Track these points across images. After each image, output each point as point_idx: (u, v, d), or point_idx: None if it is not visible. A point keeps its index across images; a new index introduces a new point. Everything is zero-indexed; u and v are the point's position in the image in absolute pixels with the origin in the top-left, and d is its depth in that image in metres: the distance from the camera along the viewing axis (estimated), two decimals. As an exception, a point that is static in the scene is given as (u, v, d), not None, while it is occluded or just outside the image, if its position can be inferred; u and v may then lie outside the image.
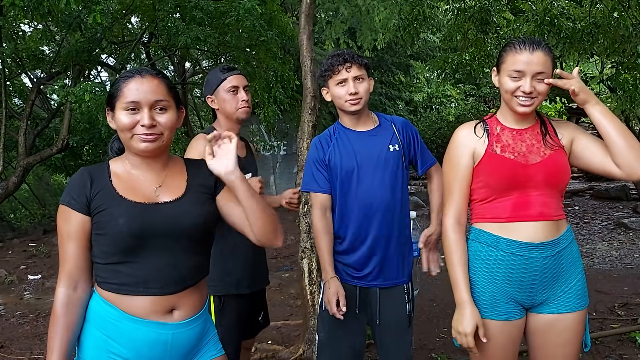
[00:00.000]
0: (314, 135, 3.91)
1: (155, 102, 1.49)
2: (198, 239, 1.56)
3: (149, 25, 8.88)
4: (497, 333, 1.83)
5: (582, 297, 1.85)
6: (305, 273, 3.59)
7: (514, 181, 1.80)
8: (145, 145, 1.49)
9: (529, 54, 1.74)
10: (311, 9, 4.22)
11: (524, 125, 1.87)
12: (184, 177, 1.61)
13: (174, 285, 1.51)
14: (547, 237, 1.79)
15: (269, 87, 8.95)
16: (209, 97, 2.37)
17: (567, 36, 6.45)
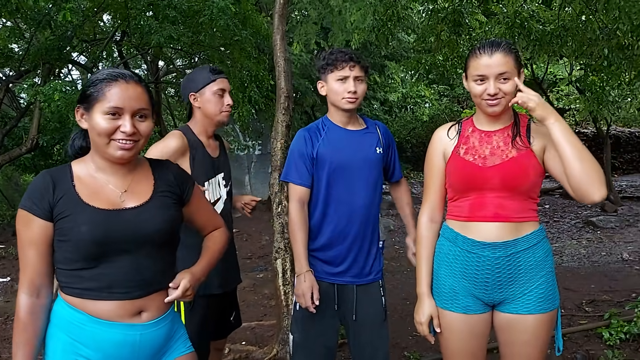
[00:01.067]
0: (288, 136, 3.92)
1: (138, 110, 1.47)
2: (162, 244, 1.56)
3: (121, 23, 8.75)
4: (458, 325, 1.88)
5: (545, 300, 1.85)
6: (279, 273, 3.59)
7: (470, 183, 1.86)
8: (122, 153, 1.46)
9: (488, 57, 1.78)
10: (285, 9, 4.22)
11: (495, 127, 1.90)
12: (151, 181, 1.59)
13: (138, 290, 1.50)
14: (500, 237, 1.82)
15: (244, 87, 8.91)
16: (192, 94, 2.33)
17: (537, 38, 6.57)
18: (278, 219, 3.72)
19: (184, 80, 2.41)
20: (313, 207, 2.29)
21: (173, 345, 1.62)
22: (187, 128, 2.35)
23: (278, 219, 3.73)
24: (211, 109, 2.31)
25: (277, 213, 3.74)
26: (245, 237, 8.17)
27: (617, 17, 5.92)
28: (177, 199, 1.62)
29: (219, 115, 2.33)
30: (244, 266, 6.35)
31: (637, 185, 11.96)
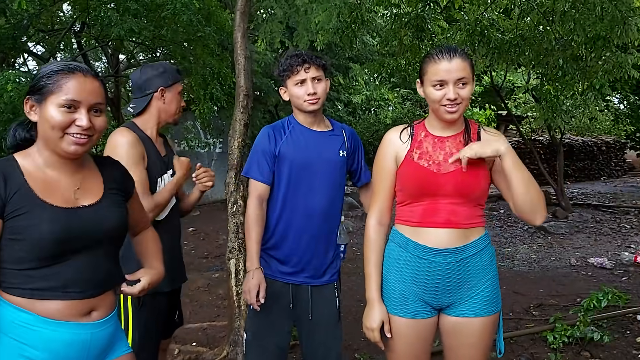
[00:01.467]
0: (246, 134, 3.88)
1: (95, 104, 1.44)
2: (116, 242, 1.56)
3: (81, 14, 8.54)
4: (406, 330, 1.89)
5: (490, 303, 1.88)
6: (232, 273, 3.56)
7: (425, 189, 1.86)
8: (75, 148, 1.41)
9: (448, 62, 1.79)
10: (247, 7, 4.19)
11: (448, 132, 1.91)
12: (99, 179, 1.56)
13: (93, 289, 1.48)
14: (451, 244, 1.84)
15: (205, 84, 8.81)
16: (162, 88, 2.27)
17: (496, 47, 6.73)
18: (233, 219, 3.70)
19: (151, 71, 2.30)
20: (272, 205, 2.28)
21: (116, 343, 1.60)
22: (132, 125, 2.27)
23: (233, 218, 3.70)
24: (173, 108, 2.28)
25: (232, 212, 3.71)
26: (202, 236, 8.08)
27: (573, 29, 6.12)
28: (123, 196, 1.61)
29: (176, 115, 2.31)
30: (200, 265, 6.28)
31: (587, 192, 12.37)
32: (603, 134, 15.80)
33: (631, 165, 18.21)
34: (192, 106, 9.01)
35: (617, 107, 12.81)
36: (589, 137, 15.79)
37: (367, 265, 1.96)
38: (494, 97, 12.04)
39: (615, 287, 4.82)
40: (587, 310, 3.49)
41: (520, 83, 12.53)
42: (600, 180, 15.53)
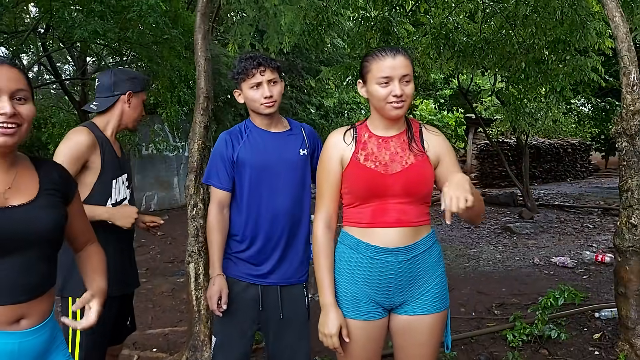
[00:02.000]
0: (206, 137, 3.85)
1: (17, 90, 1.37)
2: (52, 245, 1.49)
3: (44, 15, 8.38)
4: (358, 332, 1.88)
5: (439, 300, 1.90)
6: (192, 278, 3.51)
7: (373, 190, 1.86)
8: (4, 139, 1.34)
9: (392, 59, 1.80)
10: (207, 8, 4.16)
11: (391, 132, 1.91)
12: (35, 178, 1.49)
13: (25, 294, 1.40)
14: (402, 242, 1.84)
15: (173, 86, 8.73)
16: (131, 93, 2.31)
17: (461, 50, 6.81)
18: (193, 222, 3.65)
19: (122, 74, 2.34)
20: (237, 209, 2.28)
21: (52, 353, 1.53)
22: (92, 124, 2.27)
23: (193, 221, 3.65)
24: (136, 114, 2.33)
25: (192, 216, 3.66)
26: (169, 241, 7.98)
27: (534, 32, 6.24)
28: (62, 198, 1.54)
29: (136, 122, 2.38)
30: (166, 270, 6.19)
31: (553, 193, 12.60)
32: (569, 136, 16.12)
33: (596, 167, 18.66)
34: (160, 109, 8.93)
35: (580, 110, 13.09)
36: (555, 139, 16.11)
37: (318, 271, 1.92)
38: (463, 100, 12.18)
39: (575, 286, 4.92)
40: (545, 308, 3.54)
41: (487, 86, 12.72)
42: (566, 182, 15.86)
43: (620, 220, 3.26)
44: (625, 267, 3.16)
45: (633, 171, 3.19)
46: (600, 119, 12.84)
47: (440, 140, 1.95)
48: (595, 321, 3.97)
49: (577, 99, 13.17)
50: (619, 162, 3.29)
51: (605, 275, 5.45)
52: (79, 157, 2.14)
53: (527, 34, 6.45)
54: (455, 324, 4.12)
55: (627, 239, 3.17)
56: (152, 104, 9.41)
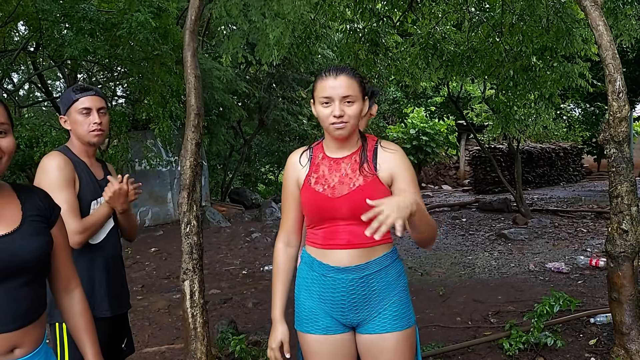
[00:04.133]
0: (198, 154, 3.86)
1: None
2: (39, 271, 1.46)
3: (34, 34, 8.40)
4: (319, 347, 1.90)
5: (400, 319, 1.87)
6: (187, 295, 3.50)
7: (322, 214, 1.87)
8: None
9: (333, 79, 1.80)
10: (196, 25, 4.18)
11: (342, 153, 1.90)
12: (17, 205, 1.47)
13: (13, 323, 1.38)
14: (353, 262, 1.84)
15: (164, 102, 8.75)
16: (61, 117, 2.26)
17: (449, 59, 6.87)
18: (187, 239, 3.64)
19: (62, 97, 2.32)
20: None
21: None
22: (65, 148, 2.25)
23: (187, 239, 3.65)
24: (79, 129, 2.21)
25: (185, 233, 3.65)
26: (164, 256, 7.95)
27: (521, 40, 6.31)
28: (46, 223, 1.53)
29: (87, 136, 2.22)
30: (161, 286, 6.17)
31: (547, 198, 12.65)
32: (560, 140, 16.24)
33: (588, 170, 18.77)
34: (152, 125, 8.94)
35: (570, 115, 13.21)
36: (547, 143, 16.21)
37: (273, 287, 2.02)
38: (452, 108, 12.27)
39: (571, 291, 4.94)
40: (540, 315, 3.56)
41: (478, 93, 12.82)
42: (559, 186, 15.93)
43: (612, 226, 3.28)
44: (618, 272, 3.18)
45: (622, 177, 3.23)
46: (590, 122, 12.96)
47: (395, 157, 1.88)
48: (590, 327, 3.98)
49: (567, 104, 13.29)
50: (608, 168, 3.33)
51: (599, 279, 5.47)
52: (70, 176, 2.12)
53: (514, 42, 6.52)
54: (452, 333, 4.13)
55: (619, 244, 3.19)
56: (144, 119, 9.42)
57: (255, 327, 4.43)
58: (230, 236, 9.43)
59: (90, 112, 2.21)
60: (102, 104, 2.25)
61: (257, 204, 14.06)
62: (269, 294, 5.71)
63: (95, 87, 2.34)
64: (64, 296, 1.64)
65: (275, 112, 14.98)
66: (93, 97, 2.23)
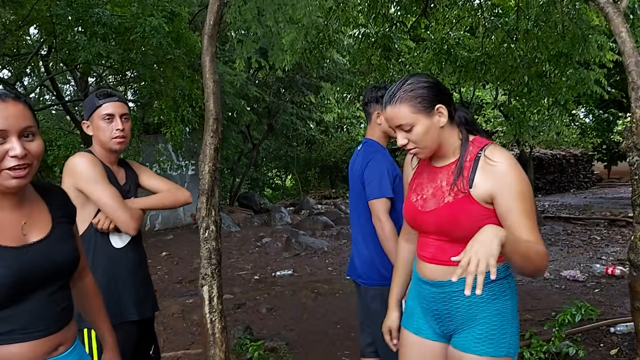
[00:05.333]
0: (216, 159, 3.84)
1: (25, 128, 1.29)
2: (72, 272, 1.49)
3: (47, 38, 8.44)
4: (410, 344, 1.88)
5: (485, 343, 1.70)
6: (206, 301, 3.47)
7: (413, 224, 1.83)
8: (17, 182, 1.29)
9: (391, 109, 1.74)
10: (214, 30, 4.16)
11: (442, 162, 1.77)
12: (45, 208, 1.46)
13: (56, 324, 1.40)
14: (436, 277, 1.76)
15: (176, 106, 8.76)
16: (84, 122, 2.25)
17: (463, 65, 6.85)
18: (205, 244, 3.61)
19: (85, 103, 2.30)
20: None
21: None
22: (90, 152, 2.24)
23: (205, 244, 3.61)
24: (101, 135, 2.19)
25: (204, 238, 3.62)
26: (176, 261, 7.95)
27: (536, 46, 6.28)
28: (71, 223, 1.54)
29: (110, 143, 2.20)
30: (174, 291, 6.16)
31: (558, 204, 12.58)
32: (571, 146, 16.16)
33: (599, 177, 18.66)
34: (163, 129, 8.96)
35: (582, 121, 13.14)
36: (558, 150, 16.13)
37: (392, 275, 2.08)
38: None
39: (588, 300, 4.88)
40: (562, 325, 3.52)
41: (489, 99, 12.77)
42: (570, 192, 15.85)
43: (635, 234, 3.23)
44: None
45: (646, 185, 3.19)
46: (602, 129, 12.88)
47: (495, 172, 1.62)
48: (611, 336, 3.94)
49: (579, 110, 13.22)
50: (630, 176, 3.29)
51: (617, 288, 5.42)
52: (103, 173, 2.13)
53: (528, 48, 6.49)
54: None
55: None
56: (156, 123, 9.45)
57: (271, 333, 4.41)
58: (241, 241, 9.41)
59: (113, 118, 2.19)
60: (125, 110, 2.24)
61: (266, 208, 14.07)
62: (283, 300, 5.70)
63: (118, 93, 2.32)
64: (78, 283, 1.65)
65: (284, 116, 14.99)
66: (116, 103, 2.21)
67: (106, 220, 2.15)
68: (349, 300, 5.43)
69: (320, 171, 19.36)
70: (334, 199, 16.83)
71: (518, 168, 1.61)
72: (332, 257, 7.85)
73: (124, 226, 2.12)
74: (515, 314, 1.75)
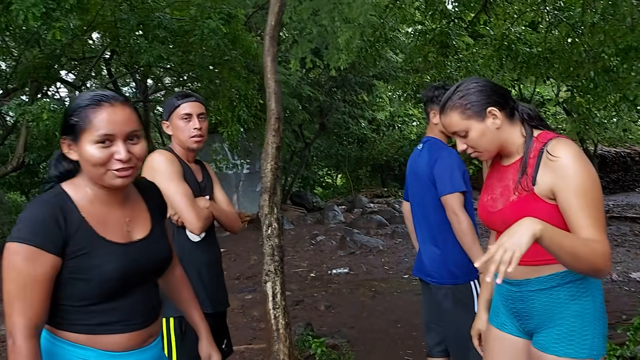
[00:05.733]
0: (278, 157, 3.90)
1: (130, 132, 1.37)
2: (166, 269, 1.57)
3: (111, 42, 8.76)
4: (493, 340, 1.86)
5: (562, 344, 1.66)
6: (269, 297, 3.54)
7: (487, 224, 1.80)
8: (122, 181, 1.37)
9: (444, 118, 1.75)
10: (276, 31, 4.23)
11: (509, 160, 1.74)
12: (145, 206, 1.54)
13: (152, 317, 1.49)
14: (513, 276, 1.72)
15: (233, 106, 8.92)
16: (164, 122, 2.34)
17: (524, 61, 6.67)
18: (268, 241, 3.68)
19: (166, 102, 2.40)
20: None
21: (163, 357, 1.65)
22: (170, 149, 2.33)
23: (268, 241, 3.68)
24: (180, 135, 2.27)
25: (267, 235, 3.69)
26: (233, 257, 8.10)
27: (603, 40, 6.03)
28: (164, 219, 1.61)
29: (188, 142, 2.27)
30: (232, 287, 6.28)
31: (623, 204, 12.07)
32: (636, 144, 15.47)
33: (666, 175, 17.79)
34: (220, 128, 9.15)
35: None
36: (622, 147, 15.47)
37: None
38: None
39: (660, 303, 4.67)
40: (637, 328, 3.38)
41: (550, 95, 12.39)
42: (635, 192, 15.16)
43: None
44: None
45: None
46: (671, 125, 12.27)
47: (555, 167, 1.57)
48: (688, 342, 3.75)
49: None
50: None
51: (690, 291, 5.16)
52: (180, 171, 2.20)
53: (595, 42, 6.25)
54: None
55: None
56: (213, 123, 9.66)
57: (331, 331, 4.43)
58: (295, 238, 9.49)
59: (190, 118, 2.27)
60: (202, 109, 2.31)
61: (319, 207, 14.12)
62: (341, 298, 5.71)
63: (196, 93, 2.39)
64: (170, 275, 1.70)
65: (337, 115, 15.00)
66: (194, 103, 2.29)
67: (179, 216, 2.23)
68: (408, 299, 5.39)
69: (372, 170, 19.27)
70: (386, 197, 16.72)
71: (581, 162, 1.55)
72: (387, 255, 7.82)
73: (189, 225, 2.18)
74: (599, 316, 1.67)
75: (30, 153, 8.76)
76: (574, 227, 1.53)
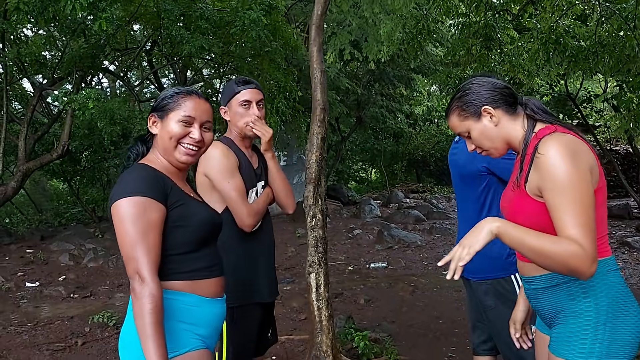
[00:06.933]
0: (323, 148, 3.87)
1: (206, 121, 1.68)
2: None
3: (153, 33, 8.87)
4: (536, 339, 1.84)
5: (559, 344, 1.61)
6: (313, 288, 3.52)
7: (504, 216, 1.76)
8: (186, 157, 1.65)
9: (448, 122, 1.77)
10: (322, 21, 4.20)
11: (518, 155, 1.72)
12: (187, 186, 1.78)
13: (222, 270, 1.73)
14: (525, 273, 1.72)
15: (272, 98, 8.94)
16: (222, 108, 2.34)
17: (572, 55, 6.47)
18: (312, 232, 3.66)
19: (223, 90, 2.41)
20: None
21: None
22: (225, 138, 2.32)
23: (312, 232, 3.66)
24: (238, 121, 2.27)
25: (311, 226, 3.67)
26: (270, 248, 8.12)
27: (657, 34, 5.81)
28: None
29: (245, 129, 2.26)
30: (271, 278, 6.32)
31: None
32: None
33: None
34: (259, 120, 9.19)
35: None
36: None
37: None
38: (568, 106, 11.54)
39: None
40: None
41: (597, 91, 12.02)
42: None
43: None
44: None
45: None
46: None
47: (539, 165, 1.52)
48: None
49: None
50: None
51: None
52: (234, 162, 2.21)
53: (648, 36, 6.03)
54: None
55: None
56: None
57: (372, 324, 4.40)
58: (332, 231, 9.47)
59: (249, 105, 2.26)
60: (261, 96, 2.30)
61: (354, 200, 14.08)
62: (380, 292, 5.67)
63: (255, 80, 2.38)
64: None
65: (374, 109, 14.89)
66: (253, 90, 2.28)
67: None
68: (449, 296, 5.32)
69: (407, 165, 19.09)
70: (422, 192, 16.56)
71: (565, 159, 1.47)
72: (426, 251, 7.73)
73: (239, 222, 2.18)
74: (604, 320, 1.54)
75: (72, 141, 8.96)
76: (556, 226, 1.47)
